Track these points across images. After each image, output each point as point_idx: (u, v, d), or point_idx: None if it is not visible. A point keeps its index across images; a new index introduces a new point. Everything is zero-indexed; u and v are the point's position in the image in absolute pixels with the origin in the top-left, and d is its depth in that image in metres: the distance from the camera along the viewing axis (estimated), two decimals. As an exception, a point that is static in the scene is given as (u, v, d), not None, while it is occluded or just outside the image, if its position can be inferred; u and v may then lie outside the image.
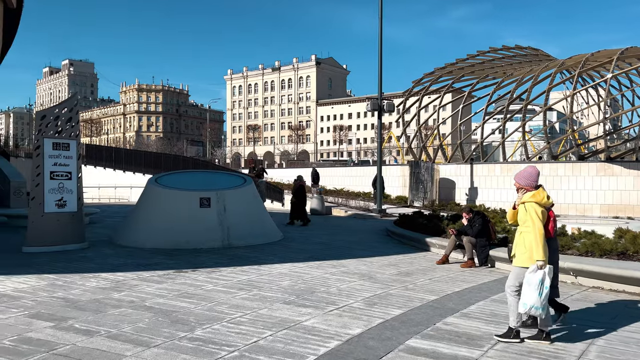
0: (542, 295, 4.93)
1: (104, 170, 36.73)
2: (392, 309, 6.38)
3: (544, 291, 4.94)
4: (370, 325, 5.66)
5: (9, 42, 18.43)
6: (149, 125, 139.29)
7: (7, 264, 9.12)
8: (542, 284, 4.94)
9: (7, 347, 4.73)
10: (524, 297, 5.02)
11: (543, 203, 5.15)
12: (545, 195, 5.21)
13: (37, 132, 11.04)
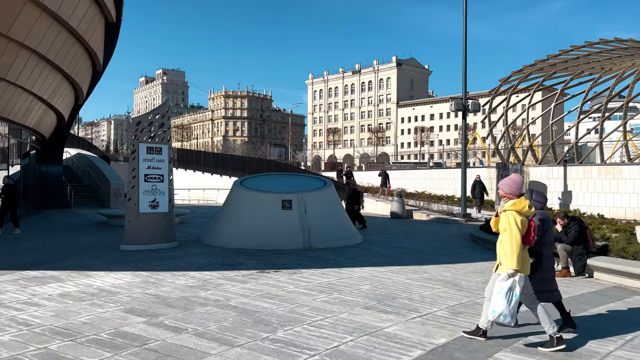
0: (511, 304, 4.89)
1: (194, 173, 38.63)
2: (479, 319, 6.06)
3: (512, 299, 4.90)
4: (456, 335, 5.41)
5: (110, 54, 19.90)
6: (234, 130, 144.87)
7: (107, 260, 9.80)
8: (511, 291, 4.89)
9: (104, 340, 5.04)
10: (493, 304, 4.97)
11: (524, 212, 5.03)
12: (527, 204, 5.06)
13: (133, 137, 11.78)
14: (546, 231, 5.46)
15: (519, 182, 5.18)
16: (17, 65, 13.61)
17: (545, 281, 5.39)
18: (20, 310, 6.07)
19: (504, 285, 4.93)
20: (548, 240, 5.51)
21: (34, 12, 12.68)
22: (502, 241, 5.07)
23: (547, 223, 5.50)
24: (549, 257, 5.52)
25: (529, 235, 5.03)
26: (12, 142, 17.59)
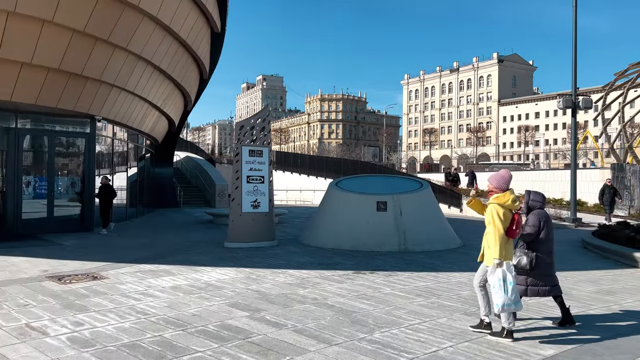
0: (509, 292, 5.04)
1: (291, 175, 39.78)
2: (592, 331, 5.62)
3: (509, 287, 5.05)
4: (565, 347, 5.06)
5: (215, 62, 21.11)
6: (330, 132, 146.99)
7: (213, 256, 10.41)
8: (504, 281, 5.06)
9: (212, 332, 5.36)
10: (493, 298, 5.15)
11: (506, 205, 5.27)
12: (510, 198, 5.29)
13: (236, 140, 12.41)
14: (544, 229, 5.70)
15: (506, 178, 5.45)
16: (135, 75, 14.91)
17: (544, 276, 5.69)
18: (138, 300, 6.65)
19: (495, 278, 5.13)
20: (547, 237, 5.73)
21: (149, 27, 13.82)
22: (487, 233, 5.33)
23: (546, 221, 5.74)
24: (548, 253, 5.73)
25: (512, 227, 5.26)
26: (130, 147, 19.28)
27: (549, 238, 5.78)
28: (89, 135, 14.79)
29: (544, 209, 5.91)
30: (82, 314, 5.90)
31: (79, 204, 14.96)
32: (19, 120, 13.56)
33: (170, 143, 24.99)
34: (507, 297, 5.04)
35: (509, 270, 5.14)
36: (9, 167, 13.31)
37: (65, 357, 4.52)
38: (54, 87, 12.55)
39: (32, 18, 11.04)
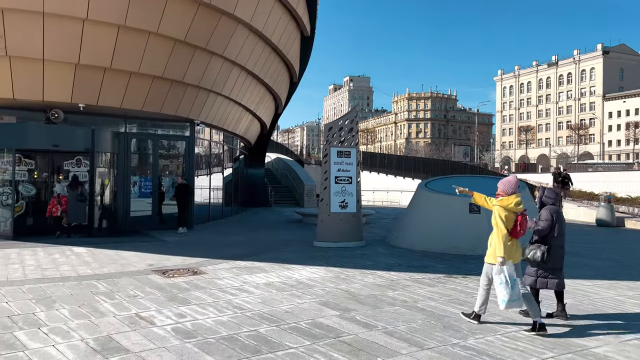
0: (514, 288, 5.36)
1: (378, 175, 39.61)
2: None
3: (513, 284, 5.37)
4: None
5: (305, 65, 21.55)
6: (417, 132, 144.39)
7: (303, 255, 10.64)
8: (507, 279, 5.37)
9: (304, 329, 5.49)
10: (498, 295, 5.44)
11: (509, 208, 5.60)
12: (514, 201, 5.60)
13: (325, 142, 12.59)
14: (555, 224, 5.95)
15: (512, 183, 5.76)
16: (230, 80, 15.63)
17: (554, 270, 6.01)
18: (234, 295, 6.96)
19: (500, 276, 5.43)
20: (559, 232, 5.97)
21: (243, 33, 14.43)
22: (492, 233, 5.70)
23: (557, 217, 6.01)
24: (559, 247, 6.01)
25: (516, 228, 5.59)
26: (225, 149, 20.25)
27: (560, 233, 6.02)
28: (188, 138, 15.73)
29: (556, 206, 6.17)
30: (185, 307, 6.30)
31: (179, 203, 15.95)
32: (127, 125, 14.75)
33: (262, 145, 25.89)
34: (512, 292, 5.36)
35: (510, 270, 5.46)
36: (119, 169, 14.51)
37: (170, 346, 4.85)
38: (158, 93, 13.50)
39: (139, 30, 11.96)
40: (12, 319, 5.59)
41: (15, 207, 12.54)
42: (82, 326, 5.41)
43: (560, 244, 6.02)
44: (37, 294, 6.74)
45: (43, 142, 12.79)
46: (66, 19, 11.03)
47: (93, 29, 11.37)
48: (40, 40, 11.00)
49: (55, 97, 12.03)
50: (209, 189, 17.88)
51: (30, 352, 4.60)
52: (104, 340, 4.96)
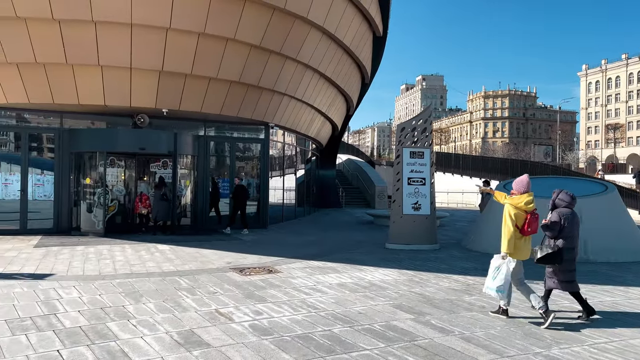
0: (495, 280, 5.83)
1: (452, 177, 38.56)
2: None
3: (497, 276, 5.81)
4: None
5: (377, 66, 21.45)
6: (494, 131, 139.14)
7: (375, 257, 10.60)
8: (497, 270, 5.81)
9: (378, 331, 5.47)
10: (487, 280, 5.98)
11: (518, 206, 5.84)
12: (524, 200, 5.84)
13: (397, 142, 12.46)
14: (565, 226, 6.07)
15: (524, 182, 6.04)
16: (303, 83, 15.88)
17: (565, 272, 6.11)
18: (308, 295, 7.07)
19: (493, 263, 5.95)
20: (568, 235, 6.08)
21: (316, 36, 14.61)
22: (502, 229, 5.97)
23: (567, 219, 6.10)
24: (570, 250, 6.08)
25: (524, 226, 5.83)
26: (297, 150, 20.60)
27: (571, 235, 6.12)
28: (263, 140, 16.15)
29: (570, 209, 6.25)
30: (261, 304, 6.48)
31: (255, 203, 16.43)
32: (206, 128, 15.40)
33: (333, 146, 26.07)
34: (491, 282, 5.90)
35: (509, 264, 5.83)
36: (199, 170, 15.18)
37: (248, 342, 5.01)
38: (235, 98, 13.99)
39: (218, 37, 12.46)
40: (104, 311, 6.02)
41: (109, 206, 13.48)
42: (166, 320, 5.72)
43: (571, 246, 6.13)
44: (126, 288, 7.21)
45: (130, 146, 13.64)
46: (151, 29, 11.71)
47: (175, 38, 11.98)
48: (128, 50, 11.74)
49: (141, 103, 12.80)
50: (282, 189, 18.26)
51: (121, 342, 4.93)
52: (186, 334, 5.22)
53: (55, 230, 13.24)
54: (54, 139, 13.62)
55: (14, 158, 13.58)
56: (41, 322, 5.50)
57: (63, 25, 11.22)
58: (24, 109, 13.28)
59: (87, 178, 13.89)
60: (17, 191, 13.15)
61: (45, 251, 10.32)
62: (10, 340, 4.92)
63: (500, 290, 5.83)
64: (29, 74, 11.89)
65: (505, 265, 5.84)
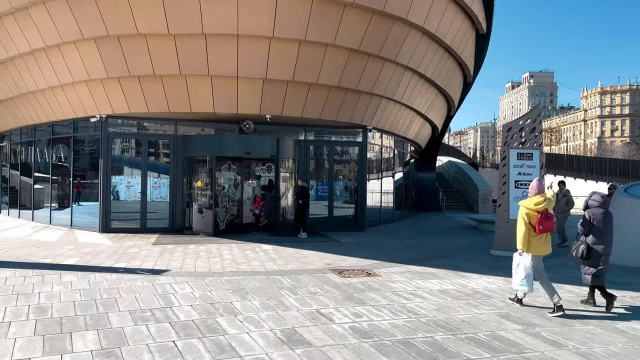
0: (517, 275, 6.44)
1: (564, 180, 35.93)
2: None
3: (519, 272, 6.43)
4: None
5: (480, 64, 20.64)
6: (612, 130, 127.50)
7: (478, 263, 10.18)
8: (518, 266, 6.46)
9: (482, 341, 5.24)
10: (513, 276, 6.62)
11: (531, 207, 6.46)
12: (534, 201, 6.47)
13: (503, 143, 11.87)
14: (595, 225, 6.65)
15: (534, 186, 6.61)
16: (402, 85, 15.70)
17: (594, 266, 6.65)
18: (408, 300, 6.96)
19: (515, 260, 6.50)
20: (599, 232, 6.64)
21: (415, 37, 14.39)
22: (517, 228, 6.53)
23: (597, 219, 6.66)
24: (597, 246, 6.63)
25: (537, 225, 6.32)
26: (395, 153, 20.40)
27: (602, 233, 6.69)
28: (361, 143, 16.21)
29: (603, 208, 6.79)
30: (360, 307, 6.50)
31: (352, 206, 16.53)
32: (306, 133, 15.78)
33: (433, 148, 25.47)
34: (516, 277, 6.49)
35: (525, 261, 6.38)
36: (299, 174, 15.60)
37: (348, 344, 5.05)
38: (333, 102, 14.19)
39: (318, 43, 12.72)
40: (214, 306, 6.39)
41: (227, 208, 14.33)
42: (270, 317, 5.94)
43: (601, 243, 6.68)
44: (233, 285, 7.60)
45: (237, 150, 14.37)
46: (256, 39, 12.25)
47: (278, 46, 12.42)
48: (234, 59, 12.39)
49: (247, 110, 13.43)
50: (380, 192, 18.18)
51: (229, 337, 5.20)
52: (289, 332, 5.38)
53: (170, 229, 14.31)
54: (169, 145, 14.76)
55: (135, 163, 14.92)
56: (159, 314, 5.97)
57: (177, 39, 12.11)
58: (144, 118, 14.53)
59: (199, 181, 14.87)
60: (138, 193, 14.41)
61: (161, 249, 11.19)
62: (133, 329, 5.39)
63: (524, 283, 6.39)
64: (148, 85, 12.99)
65: (523, 261, 6.42)
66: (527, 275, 6.33)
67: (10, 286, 7.24)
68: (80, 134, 15.51)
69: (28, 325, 5.43)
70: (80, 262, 9.39)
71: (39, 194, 17.34)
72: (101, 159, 14.07)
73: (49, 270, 8.48)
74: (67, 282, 7.54)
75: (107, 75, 12.93)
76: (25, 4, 12.64)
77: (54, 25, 12.63)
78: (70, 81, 13.63)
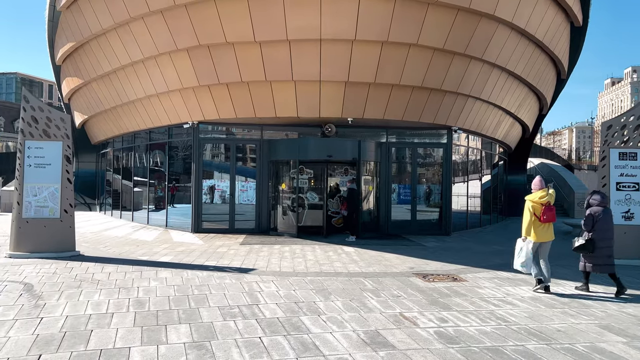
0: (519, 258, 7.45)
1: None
2: None
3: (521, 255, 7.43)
4: None
5: (575, 60, 19.35)
6: None
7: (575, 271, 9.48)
8: (520, 250, 7.46)
9: (580, 352, 4.88)
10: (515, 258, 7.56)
11: (534, 200, 7.46)
12: (539, 195, 7.48)
13: (602, 143, 11.04)
14: (597, 222, 7.56)
15: (536, 182, 7.74)
16: (489, 84, 15.09)
17: (595, 257, 7.55)
18: (497, 306, 6.65)
19: (517, 245, 7.57)
20: (600, 228, 7.54)
21: (504, 33, 13.78)
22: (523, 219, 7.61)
23: (598, 216, 7.58)
24: (601, 240, 7.52)
25: (542, 216, 7.39)
26: (483, 155, 19.62)
27: (602, 228, 7.49)
28: (445, 145, 15.78)
29: (603, 207, 7.59)
30: (446, 312, 6.31)
31: (437, 210, 16.12)
32: (388, 135, 15.64)
33: (523, 149, 24.21)
34: (516, 260, 7.44)
35: (528, 246, 7.35)
36: (381, 176, 15.50)
37: (434, 349, 4.91)
38: (416, 103, 13.95)
39: (400, 44, 12.58)
40: (298, 305, 6.50)
41: (309, 210, 14.61)
42: (353, 318, 5.93)
43: (602, 238, 7.49)
44: (316, 285, 7.69)
45: (319, 153, 14.56)
46: (337, 43, 12.36)
47: (360, 49, 12.45)
48: (317, 64, 12.58)
49: (329, 113, 13.57)
50: (466, 196, 17.58)
51: (313, 336, 5.26)
52: (372, 334, 5.34)
53: (257, 230, 14.79)
54: (255, 149, 15.27)
55: (224, 167, 15.59)
56: (246, 311, 6.17)
57: (263, 46, 12.52)
58: (232, 123, 15.16)
59: (283, 184, 15.24)
60: (227, 196, 15.04)
61: (248, 249, 11.59)
62: (222, 324, 5.62)
63: (524, 265, 7.31)
64: (236, 92, 13.53)
65: (525, 246, 7.38)
66: (527, 259, 7.29)
67: (113, 280, 7.83)
68: (174, 139, 16.49)
69: (128, 317, 5.84)
70: (174, 259, 9.96)
71: (138, 196, 18.65)
72: (193, 163, 14.86)
73: (146, 266, 9.08)
74: (162, 278, 8.02)
75: (199, 83, 13.64)
76: (126, 20, 13.68)
77: (151, 38, 13.56)
78: (165, 90, 14.54)
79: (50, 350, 4.71)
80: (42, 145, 10.16)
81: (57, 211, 10.13)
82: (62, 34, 17.70)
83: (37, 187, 10.09)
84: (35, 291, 7.02)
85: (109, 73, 16.10)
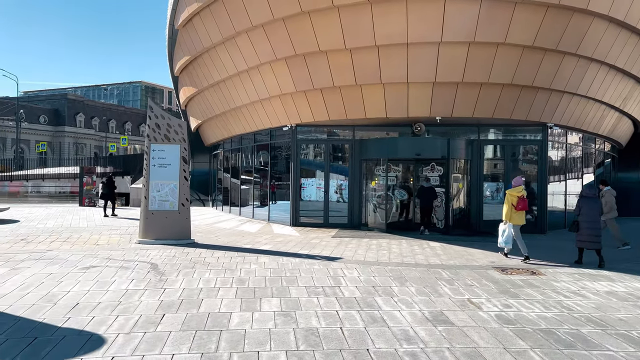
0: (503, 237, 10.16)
1: None
2: None
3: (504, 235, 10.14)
4: None
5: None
6: None
7: (669, 270, 9.23)
8: (504, 232, 10.13)
9: (634, 338, 5.15)
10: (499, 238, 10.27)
11: (512, 194, 10.09)
12: (517, 190, 10.13)
13: None
14: (582, 207, 9.86)
15: (518, 181, 10.36)
16: (587, 78, 14.62)
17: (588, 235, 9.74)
18: (567, 297, 6.92)
19: (500, 228, 10.23)
20: (584, 212, 9.80)
21: (600, 26, 13.35)
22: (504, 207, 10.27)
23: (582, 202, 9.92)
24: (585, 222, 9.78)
25: (518, 205, 9.99)
26: (584, 151, 18.80)
27: (585, 213, 9.79)
28: (540, 142, 15.52)
29: (589, 196, 9.97)
30: (513, 300, 6.73)
31: (534, 208, 15.88)
32: (479, 133, 15.75)
33: (637, 144, 22.65)
34: (501, 239, 10.17)
35: (509, 228, 10.07)
36: (472, 174, 15.66)
37: (489, 327, 5.46)
38: (507, 100, 13.98)
39: (488, 44, 12.79)
40: (374, 288, 7.29)
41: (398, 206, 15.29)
42: (422, 301, 6.60)
43: (586, 220, 9.74)
44: (395, 274, 8.40)
45: (408, 152, 15.12)
46: (424, 45, 12.87)
47: (446, 50, 12.85)
48: (405, 66, 13.19)
49: (417, 113, 14.10)
50: (564, 194, 17.06)
51: (382, 312, 6.03)
52: (435, 314, 5.99)
53: (348, 225, 15.72)
54: (347, 149, 16.21)
55: (319, 165, 16.72)
56: (328, 291, 7.09)
57: (353, 52, 13.40)
58: (325, 125, 16.23)
59: (373, 181, 16.02)
60: (322, 192, 16.16)
61: (339, 241, 12.54)
62: (307, 300, 6.58)
63: (506, 242, 10.04)
64: (329, 96, 14.57)
65: (508, 228, 10.05)
66: (508, 237, 10.00)
67: (221, 263, 9.17)
68: (275, 141, 17.97)
69: (231, 291, 7.03)
70: (272, 248, 11.20)
71: (245, 193, 20.47)
72: (292, 162, 16.17)
73: (248, 253, 10.38)
74: (261, 262, 9.22)
75: (296, 89, 14.88)
76: (232, 34, 15.31)
77: (254, 50, 15.04)
78: (267, 96, 15.99)
79: (171, 311, 5.98)
80: (163, 147, 11.91)
81: (176, 205, 11.82)
82: (179, 49, 19.99)
83: (160, 183, 11.86)
84: (159, 269, 8.52)
85: (218, 82, 17.97)
